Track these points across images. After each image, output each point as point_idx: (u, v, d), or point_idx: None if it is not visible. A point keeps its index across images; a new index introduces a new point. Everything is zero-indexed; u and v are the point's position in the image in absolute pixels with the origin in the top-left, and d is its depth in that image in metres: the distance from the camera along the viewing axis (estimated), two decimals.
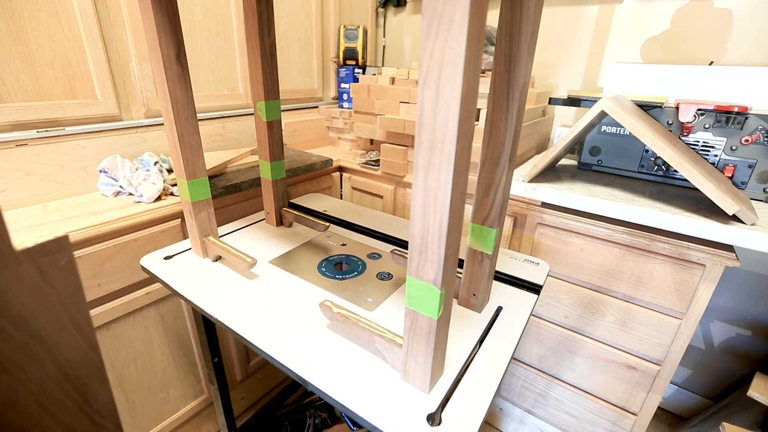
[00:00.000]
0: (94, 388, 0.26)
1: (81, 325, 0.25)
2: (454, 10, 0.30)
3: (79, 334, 0.25)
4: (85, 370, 0.26)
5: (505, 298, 0.67)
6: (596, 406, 1.05)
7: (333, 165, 1.30)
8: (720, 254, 0.78)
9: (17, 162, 0.83)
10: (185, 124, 0.66)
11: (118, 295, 0.83)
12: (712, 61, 1.11)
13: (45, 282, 0.22)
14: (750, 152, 0.88)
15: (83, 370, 0.25)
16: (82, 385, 0.26)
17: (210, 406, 1.13)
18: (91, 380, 0.26)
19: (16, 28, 0.78)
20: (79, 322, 0.24)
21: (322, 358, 0.52)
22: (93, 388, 0.26)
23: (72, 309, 0.24)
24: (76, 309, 0.24)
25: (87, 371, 0.26)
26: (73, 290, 0.24)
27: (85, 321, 0.25)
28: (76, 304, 0.24)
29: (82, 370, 0.25)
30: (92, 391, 0.26)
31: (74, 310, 0.24)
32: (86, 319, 0.25)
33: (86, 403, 0.26)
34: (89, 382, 0.26)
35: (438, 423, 0.44)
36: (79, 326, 0.24)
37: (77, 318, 0.24)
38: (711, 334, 1.27)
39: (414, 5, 1.63)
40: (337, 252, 0.80)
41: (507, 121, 0.50)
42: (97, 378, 0.26)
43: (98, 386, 0.27)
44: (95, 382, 0.26)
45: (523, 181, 0.96)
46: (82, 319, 0.24)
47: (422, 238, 0.39)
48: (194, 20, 1.08)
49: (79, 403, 0.26)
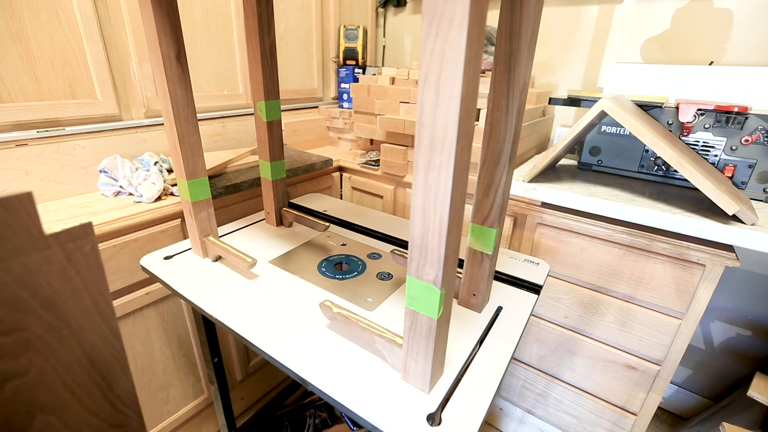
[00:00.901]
0: (117, 375, 0.27)
1: (104, 311, 0.25)
2: (454, 10, 0.30)
3: (102, 320, 0.25)
4: (108, 356, 0.26)
5: (505, 298, 0.67)
6: (596, 406, 1.05)
7: (333, 165, 1.30)
8: (720, 254, 0.78)
9: (17, 162, 0.83)
10: (185, 124, 0.66)
11: (118, 295, 0.83)
12: (712, 61, 1.11)
13: (71, 266, 0.23)
14: (750, 152, 0.88)
15: (106, 356, 0.26)
16: (105, 370, 0.26)
17: (210, 406, 1.13)
18: (113, 366, 0.27)
19: (16, 28, 0.78)
20: (102, 307, 0.25)
21: (322, 358, 0.52)
22: (115, 374, 0.27)
23: (96, 294, 0.25)
24: (99, 295, 0.25)
25: (109, 357, 0.26)
26: (97, 276, 0.24)
27: (107, 307, 0.25)
28: (100, 290, 0.25)
29: (105, 356, 0.26)
30: (115, 377, 0.27)
31: (98, 296, 0.25)
32: (109, 306, 0.26)
33: (109, 389, 0.27)
34: (112, 369, 0.27)
35: (438, 423, 0.44)
36: (103, 312, 0.25)
37: (101, 304, 0.25)
38: (711, 334, 1.27)
39: (414, 5, 1.63)
40: (337, 252, 0.80)
41: (507, 121, 0.50)
42: (119, 364, 0.27)
43: (120, 373, 0.27)
44: (117, 369, 0.27)
45: (523, 181, 0.96)
46: (105, 305, 0.25)
47: (422, 238, 0.39)
48: (194, 20, 1.08)
49: (102, 389, 0.27)
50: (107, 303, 0.25)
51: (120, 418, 0.28)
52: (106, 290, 0.25)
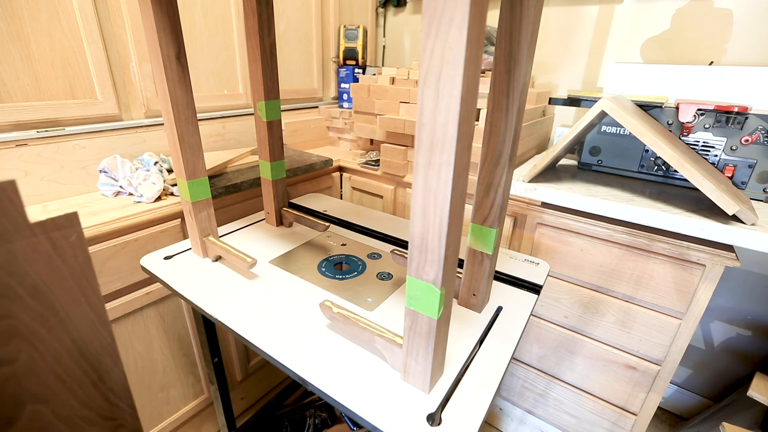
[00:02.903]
0: (108, 366, 0.27)
1: (92, 301, 0.26)
2: (454, 10, 0.30)
3: (91, 310, 0.26)
4: (98, 346, 0.26)
5: (505, 298, 0.67)
6: (596, 406, 1.05)
7: (333, 165, 1.30)
8: (720, 254, 0.78)
9: (17, 162, 0.83)
10: (185, 124, 0.66)
11: (118, 295, 0.83)
12: (712, 61, 1.11)
13: (57, 254, 0.23)
14: (750, 152, 0.88)
15: (96, 347, 0.26)
16: (95, 361, 0.26)
17: (210, 406, 1.13)
18: (104, 358, 0.27)
19: (16, 28, 0.78)
20: (90, 297, 0.25)
21: (322, 358, 0.52)
22: (106, 365, 0.27)
23: (83, 284, 0.25)
24: (87, 284, 0.25)
25: (99, 348, 0.27)
26: (84, 265, 0.25)
27: (96, 297, 0.26)
28: (87, 280, 0.25)
29: (95, 346, 0.26)
30: (106, 369, 0.27)
31: (86, 285, 0.25)
32: (97, 295, 0.26)
33: (100, 380, 0.27)
34: (102, 360, 0.27)
35: (438, 423, 0.44)
36: (91, 301, 0.25)
37: (89, 293, 0.25)
38: (711, 334, 1.27)
39: (414, 5, 1.63)
40: (337, 252, 0.80)
41: (507, 121, 0.50)
42: (109, 356, 0.27)
43: (111, 364, 0.28)
44: (108, 360, 0.27)
45: (523, 181, 0.96)
46: (93, 294, 0.25)
47: (422, 238, 0.39)
48: (194, 20, 1.08)
49: (93, 379, 0.27)
50: (96, 293, 0.26)
51: (113, 410, 0.28)
52: (94, 280, 0.25)
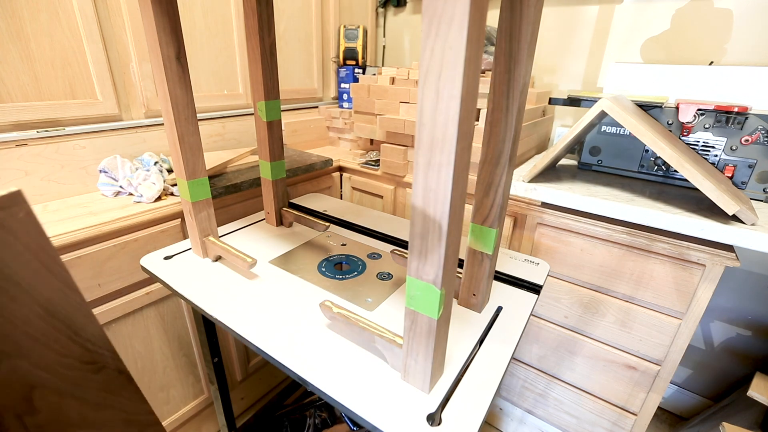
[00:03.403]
0: (81, 322, 0.30)
1: (54, 270, 0.28)
2: (454, 10, 0.30)
3: (55, 278, 0.28)
4: (68, 308, 0.29)
5: (505, 298, 0.67)
6: (596, 406, 1.05)
7: (333, 165, 1.30)
8: (720, 254, 0.78)
9: (17, 162, 0.83)
10: (185, 124, 0.66)
11: (118, 295, 0.83)
12: (712, 61, 1.11)
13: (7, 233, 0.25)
14: (750, 152, 0.88)
15: (66, 308, 0.29)
16: (67, 319, 0.29)
17: (210, 406, 1.13)
18: (76, 316, 0.30)
19: (16, 28, 0.78)
20: (51, 267, 0.28)
21: (322, 358, 0.52)
22: (80, 322, 0.30)
23: (42, 255, 0.27)
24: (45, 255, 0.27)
25: (70, 309, 0.29)
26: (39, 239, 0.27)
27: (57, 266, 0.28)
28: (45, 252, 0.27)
29: (65, 308, 0.29)
30: (80, 325, 0.30)
31: (44, 256, 0.27)
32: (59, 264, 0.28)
33: (76, 335, 0.30)
34: (75, 318, 0.30)
35: (438, 423, 0.44)
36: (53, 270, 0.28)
37: (49, 263, 0.27)
38: (711, 334, 1.27)
39: (414, 5, 1.63)
40: (337, 252, 0.80)
41: (507, 121, 0.50)
42: (82, 314, 0.30)
43: (84, 320, 0.30)
44: (81, 317, 0.30)
45: (523, 181, 0.96)
46: (54, 264, 0.28)
47: (422, 238, 0.39)
48: (194, 20, 1.08)
49: (68, 335, 0.30)
50: (56, 262, 0.28)
51: (92, 356, 0.31)
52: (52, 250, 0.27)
